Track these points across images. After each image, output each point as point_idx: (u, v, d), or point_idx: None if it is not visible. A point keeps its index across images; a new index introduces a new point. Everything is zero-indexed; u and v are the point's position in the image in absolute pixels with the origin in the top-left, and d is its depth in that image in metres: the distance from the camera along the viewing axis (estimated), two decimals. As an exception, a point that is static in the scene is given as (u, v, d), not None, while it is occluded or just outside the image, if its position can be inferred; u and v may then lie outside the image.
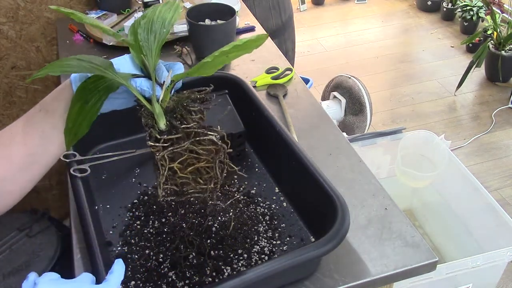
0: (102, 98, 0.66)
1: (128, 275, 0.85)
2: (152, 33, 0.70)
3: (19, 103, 1.93)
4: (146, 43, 0.69)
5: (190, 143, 0.67)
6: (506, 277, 1.91)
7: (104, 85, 0.66)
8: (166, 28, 0.71)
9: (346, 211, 0.79)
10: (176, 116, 0.69)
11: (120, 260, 0.67)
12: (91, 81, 0.66)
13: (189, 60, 1.45)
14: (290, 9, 2.26)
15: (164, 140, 0.67)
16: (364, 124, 2.25)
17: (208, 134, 0.68)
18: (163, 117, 0.68)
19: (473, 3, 3.47)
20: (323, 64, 3.34)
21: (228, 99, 1.10)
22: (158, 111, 0.67)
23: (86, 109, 0.66)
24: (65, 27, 1.67)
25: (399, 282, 0.87)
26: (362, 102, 2.22)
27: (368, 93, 2.24)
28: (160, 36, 0.70)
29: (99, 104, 0.66)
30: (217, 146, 0.70)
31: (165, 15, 0.71)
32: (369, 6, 4.08)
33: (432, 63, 3.32)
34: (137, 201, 1.00)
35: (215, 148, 0.70)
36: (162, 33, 0.70)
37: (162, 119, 0.68)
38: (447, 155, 1.68)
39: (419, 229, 1.91)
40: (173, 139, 0.67)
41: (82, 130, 0.67)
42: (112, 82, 0.67)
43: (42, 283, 0.59)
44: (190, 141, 0.67)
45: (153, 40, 0.70)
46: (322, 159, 1.07)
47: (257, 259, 0.86)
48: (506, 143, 2.61)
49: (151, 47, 0.69)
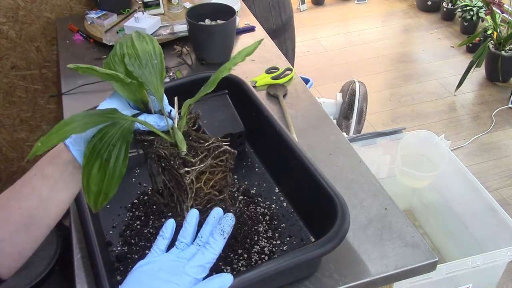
0: (122, 148, 0.64)
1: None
2: (145, 67, 0.68)
3: (19, 103, 1.93)
4: (146, 78, 0.68)
5: (212, 158, 0.68)
6: (506, 277, 1.91)
7: (117, 134, 0.64)
8: (157, 59, 0.69)
9: (346, 211, 0.79)
10: (192, 137, 0.69)
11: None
12: (99, 138, 0.64)
13: (189, 60, 1.45)
14: (290, 9, 2.26)
15: (193, 164, 0.67)
16: (348, 130, 2.26)
17: (223, 145, 0.69)
18: (184, 143, 0.67)
19: (473, 3, 3.47)
20: (323, 64, 3.34)
21: (228, 99, 1.10)
22: (180, 138, 0.67)
23: (111, 167, 0.64)
24: (65, 27, 1.67)
25: (399, 282, 0.87)
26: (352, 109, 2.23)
27: (361, 102, 2.24)
28: (157, 67, 0.69)
29: (124, 156, 0.64)
30: (230, 154, 0.70)
31: (145, 48, 0.70)
32: (369, 6, 4.08)
33: (432, 63, 3.32)
34: (137, 201, 1.00)
35: (227, 156, 0.70)
36: (156, 64, 0.69)
37: (184, 145, 0.67)
38: (447, 155, 1.68)
39: (419, 229, 1.91)
40: (197, 161, 0.67)
41: (113, 189, 0.64)
42: (124, 128, 0.64)
43: None
44: (211, 156, 0.68)
45: (151, 73, 0.68)
46: (322, 159, 1.07)
47: (257, 259, 0.86)
48: (506, 143, 2.61)
49: (152, 81, 0.68)
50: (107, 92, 1.25)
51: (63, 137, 0.60)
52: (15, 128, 2.00)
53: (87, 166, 0.63)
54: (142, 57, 0.69)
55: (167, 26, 1.56)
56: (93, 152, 0.63)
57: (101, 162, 0.63)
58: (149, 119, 0.67)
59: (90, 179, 0.63)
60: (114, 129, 0.64)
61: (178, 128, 0.68)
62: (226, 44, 1.43)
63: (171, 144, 0.68)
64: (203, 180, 0.68)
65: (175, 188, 0.68)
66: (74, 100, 1.32)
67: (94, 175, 0.63)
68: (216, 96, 1.10)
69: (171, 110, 0.70)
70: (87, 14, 1.64)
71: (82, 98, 1.33)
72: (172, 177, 0.68)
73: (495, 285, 1.54)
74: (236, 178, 1.04)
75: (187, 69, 1.43)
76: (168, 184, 0.69)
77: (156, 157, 0.68)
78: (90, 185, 0.64)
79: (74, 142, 0.65)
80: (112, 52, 0.70)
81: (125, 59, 0.68)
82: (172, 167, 0.66)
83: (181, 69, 1.43)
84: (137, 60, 0.68)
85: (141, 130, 0.68)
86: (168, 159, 0.66)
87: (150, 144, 0.68)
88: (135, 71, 0.67)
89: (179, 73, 1.40)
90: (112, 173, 0.64)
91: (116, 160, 0.64)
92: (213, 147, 0.68)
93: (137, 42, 0.70)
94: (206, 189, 0.69)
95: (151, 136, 0.68)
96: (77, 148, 0.65)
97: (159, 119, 0.68)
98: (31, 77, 1.88)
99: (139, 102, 0.69)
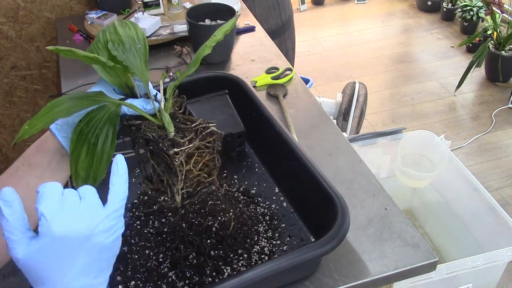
0: (110, 132, 0.64)
1: (128, 275, 0.85)
2: (129, 52, 0.68)
3: (19, 103, 1.93)
4: (130, 62, 0.67)
5: (199, 140, 0.68)
6: (506, 277, 1.91)
7: (104, 118, 0.64)
8: (141, 43, 0.69)
9: (346, 211, 0.79)
10: (179, 119, 0.69)
11: (119, 157, 0.56)
12: (85, 122, 0.63)
13: (189, 60, 1.45)
14: (290, 9, 2.26)
15: (181, 144, 0.67)
16: (347, 130, 2.26)
17: (210, 126, 0.69)
18: (171, 124, 0.67)
19: (473, 3, 3.47)
20: (323, 64, 3.34)
21: (228, 99, 1.10)
22: (168, 120, 0.67)
23: (98, 150, 0.63)
24: (65, 27, 1.67)
25: (399, 282, 0.87)
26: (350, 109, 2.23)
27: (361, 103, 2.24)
28: (140, 51, 0.69)
29: (112, 139, 0.64)
30: (217, 134, 0.70)
31: (128, 33, 0.70)
32: (369, 6, 4.08)
33: (432, 63, 3.32)
34: (137, 201, 1.00)
35: (214, 137, 0.70)
36: (139, 49, 0.69)
37: (171, 127, 0.67)
38: (447, 155, 1.68)
39: (419, 229, 1.91)
40: (186, 141, 0.67)
41: (101, 173, 0.64)
42: (111, 112, 0.64)
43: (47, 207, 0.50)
44: (199, 137, 0.68)
45: (135, 57, 0.68)
46: (322, 159, 1.07)
47: (257, 259, 0.86)
48: (506, 143, 2.61)
49: (137, 64, 0.68)
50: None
51: (49, 120, 0.60)
52: (15, 128, 2.00)
53: (74, 151, 0.63)
54: (125, 42, 0.69)
55: (167, 26, 1.56)
56: (80, 137, 0.63)
57: (88, 146, 0.63)
58: (135, 102, 0.67)
59: (78, 165, 0.63)
60: (101, 113, 0.64)
61: (165, 111, 0.68)
62: (226, 44, 1.43)
63: (158, 127, 0.68)
64: (191, 162, 0.67)
65: (164, 172, 0.68)
66: (74, 100, 1.32)
67: (82, 160, 0.63)
68: (216, 96, 1.10)
69: (157, 93, 0.70)
70: (87, 14, 1.64)
71: (82, 98, 1.33)
72: (161, 161, 0.68)
73: (495, 285, 1.54)
74: (236, 178, 1.04)
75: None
76: (158, 169, 0.69)
77: (144, 141, 0.68)
78: (78, 170, 0.63)
79: (60, 128, 0.65)
80: (95, 39, 0.71)
81: (109, 44, 0.68)
82: (161, 149, 0.66)
83: (181, 69, 1.43)
84: (120, 45, 0.68)
85: (127, 115, 0.68)
86: (156, 141, 0.66)
87: (138, 129, 0.68)
88: (119, 56, 0.67)
89: (179, 73, 1.40)
90: (100, 157, 0.64)
91: (103, 144, 0.64)
92: (200, 128, 0.68)
93: (120, 28, 0.70)
94: (196, 171, 0.68)
95: (138, 121, 0.68)
96: (64, 135, 0.65)
97: (145, 102, 0.68)
98: (31, 77, 1.88)
99: (124, 87, 0.69)
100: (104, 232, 0.52)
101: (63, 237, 0.49)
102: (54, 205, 0.49)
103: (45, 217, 0.49)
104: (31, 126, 0.58)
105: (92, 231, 0.51)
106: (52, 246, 0.49)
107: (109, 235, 0.53)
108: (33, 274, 0.50)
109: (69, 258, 0.50)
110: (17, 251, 0.49)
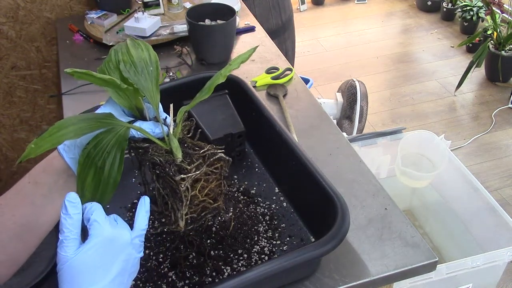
0: (117, 155, 0.63)
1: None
2: (141, 74, 0.68)
3: (19, 103, 1.93)
4: (141, 85, 0.67)
5: (207, 166, 0.67)
6: (506, 277, 1.91)
7: (112, 141, 0.63)
8: (153, 66, 0.69)
9: (346, 211, 0.79)
10: (188, 144, 0.69)
11: (146, 199, 0.63)
12: (93, 145, 0.62)
13: (189, 60, 1.45)
14: (290, 9, 2.26)
15: (188, 171, 0.66)
16: (351, 130, 2.26)
17: (217, 153, 0.69)
18: (179, 150, 0.67)
19: (473, 3, 3.47)
20: (323, 64, 3.34)
21: (228, 99, 1.10)
22: (176, 145, 0.67)
23: (105, 175, 0.63)
24: (65, 27, 1.67)
25: (399, 282, 0.87)
26: (354, 108, 2.23)
27: (362, 101, 2.24)
28: (152, 74, 0.68)
29: (119, 163, 0.63)
30: (225, 161, 0.70)
31: (141, 55, 0.69)
32: (369, 6, 4.08)
33: (432, 63, 3.32)
34: (137, 201, 1.00)
35: (222, 164, 0.70)
36: (151, 72, 0.68)
37: (179, 152, 0.67)
38: (447, 155, 1.68)
39: (419, 229, 1.91)
40: (193, 168, 0.67)
41: (107, 196, 0.64)
42: (120, 135, 0.63)
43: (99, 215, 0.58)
44: (207, 163, 0.68)
45: (147, 80, 0.68)
46: (322, 159, 1.07)
47: (257, 259, 0.86)
48: (506, 143, 2.61)
49: (148, 87, 0.67)
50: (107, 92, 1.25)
51: (56, 142, 0.59)
52: (15, 128, 2.00)
53: (81, 173, 0.62)
54: (137, 64, 0.68)
55: (167, 26, 1.56)
56: (87, 160, 0.62)
57: (95, 169, 0.62)
58: (144, 125, 0.66)
59: (85, 187, 0.63)
60: (109, 136, 0.63)
61: (174, 135, 0.68)
62: (226, 44, 1.43)
63: (166, 151, 0.67)
64: (197, 188, 0.67)
65: (169, 195, 0.68)
66: (74, 100, 1.32)
67: (89, 183, 0.63)
68: (216, 96, 1.10)
69: (166, 117, 0.70)
70: (87, 14, 1.64)
71: (82, 98, 1.33)
72: (167, 185, 0.67)
73: (495, 285, 1.54)
74: (236, 178, 1.04)
75: (187, 69, 1.43)
76: (162, 192, 0.69)
77: (151, 164, 0.68)
78: (84, 193, 0.63)
79: (67, 148, 0.64)
80: (106, 59, 0.69)
81: (120, 65, 0.67)
82: (167, 174, 0.66)
83: (181, 69, 1.43)
84: (132, 67, 0.68)
85: (136, 137, 0.67)
86: (163, 166, 0.66)
87: (145, 151, 0.67)
88: (131, 78, 0.66)
89: (179, 73, 1.40)
90: (106, 181, 0.63)
91: (110, 168, 0.63)
92: (208, 154, 0.68)
93: (132, 49, 0.69)
94: (201, 196, 0.68)
95: (146, 144, 0.67)
96: (71, 156, 0.64)
97: (154, 126, 0.67)
98: (31, 77, 1.88)
99: (134, 109, 0.68)
100: (136, 246, 0.60)
101: (112, 239, 0.57)
102: (103, 215, 0.58)
103: (98, 222, 0.57)
104: (37, 146, 0.58)
105: (131, 240, 0.59)
106: (101, 246, 0.56)
107: (138, 252, 0.61)
108: (70, 278, 0.55)
109: (109, 263, 0.57)
110: (70, 249, 0.55)
